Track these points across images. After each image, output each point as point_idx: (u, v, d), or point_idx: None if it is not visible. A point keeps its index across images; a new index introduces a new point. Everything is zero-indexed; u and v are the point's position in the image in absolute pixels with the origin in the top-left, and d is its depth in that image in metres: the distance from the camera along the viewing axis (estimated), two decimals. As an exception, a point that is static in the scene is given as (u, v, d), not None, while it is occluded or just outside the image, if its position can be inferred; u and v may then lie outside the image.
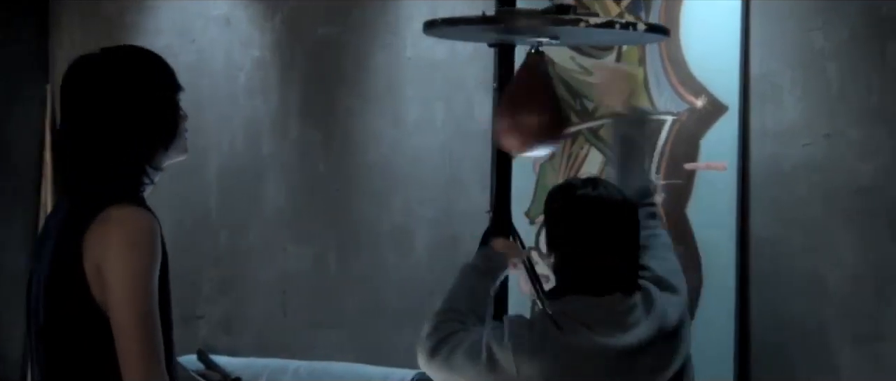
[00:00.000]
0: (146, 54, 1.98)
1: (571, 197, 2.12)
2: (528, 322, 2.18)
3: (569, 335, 2.10)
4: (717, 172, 2.92)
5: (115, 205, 1.85)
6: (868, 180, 2.83)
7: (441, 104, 3.61)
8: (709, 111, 2.94)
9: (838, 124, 2.87)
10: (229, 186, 4.13)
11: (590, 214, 2.10)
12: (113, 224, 1.83)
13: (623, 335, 2.11)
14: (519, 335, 2.10)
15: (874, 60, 2.83)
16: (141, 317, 1.79)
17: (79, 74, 1.94)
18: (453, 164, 3.57)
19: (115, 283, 1.80)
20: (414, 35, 3.67)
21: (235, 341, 4.07)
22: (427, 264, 3.63)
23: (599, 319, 2.11)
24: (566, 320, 2.11)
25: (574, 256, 2.10)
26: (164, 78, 1.95)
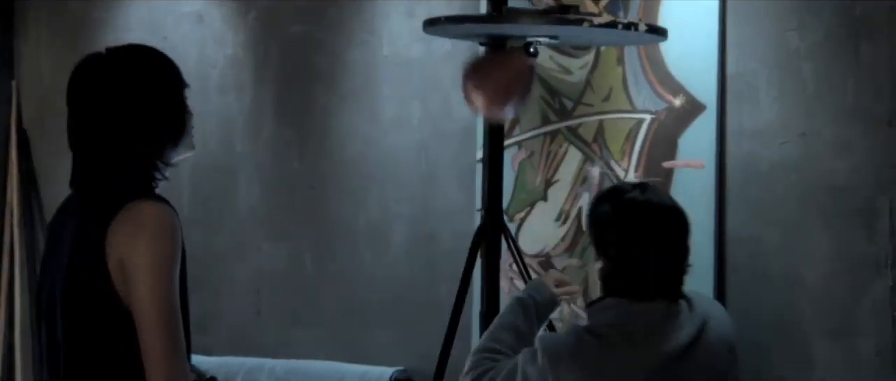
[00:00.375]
0: (151, 52, 2.00)
1: (621, 201, 2.12)
2: (564, 338, 2.16)
3: (608, 346, 2.09)
4: (695, 170, 2.99)
5: (137, 200, 1.87)
6: (843, 179, 2.91)
7: (417, 102, 3.65)
8: (687, 110, 3.01)
9: (814, 124, 2.95)
10: (202, 184, 4.14)
11: (640, 218, 2.11)
12: (136, 218, 1.85)
13: (665, 343, 2.11)
14: (555, 352, 2.09)
15: (848, 60, 2.91)
16: (165, 311, 1.81)
17: (86, 74, 1.96)
18: (430, 162, 3.62)
19: (140, 277, 1.81)
20: (390, 33, 3.71)
21: (209, 340, 4.08)
22: (404, 262, 3.67)
23: (641, 327, 2.11)
24: (606, 329, 2.11)
25: (623, 261, 2.10)
26: (170, 75, 1.97)
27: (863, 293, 2.90)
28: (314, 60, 3.88)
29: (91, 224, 1.87)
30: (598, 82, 3.13)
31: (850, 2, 2.90)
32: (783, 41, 2.97)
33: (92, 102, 1.93)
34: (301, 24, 3.92)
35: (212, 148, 4.10)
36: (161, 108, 1.93)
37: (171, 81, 1.97)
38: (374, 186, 3.74)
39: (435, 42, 3.61)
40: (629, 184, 2.23)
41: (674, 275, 2.15)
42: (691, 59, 2.98)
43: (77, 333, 1.89)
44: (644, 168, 3.06)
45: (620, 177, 3.11)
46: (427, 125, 3.62)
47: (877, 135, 2.88)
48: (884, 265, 2.86)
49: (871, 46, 2.88)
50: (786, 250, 2.98)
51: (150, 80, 1.94)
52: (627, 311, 2.12)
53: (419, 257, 3.63)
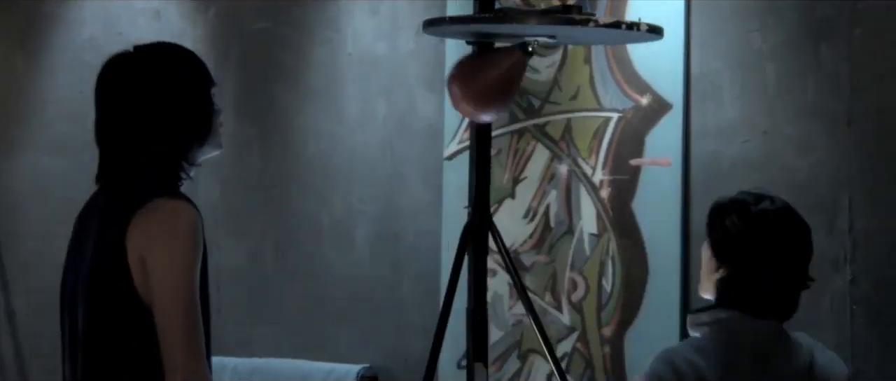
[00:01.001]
0: (178, 50, 2.02)
1: (749, 213, 2.12)
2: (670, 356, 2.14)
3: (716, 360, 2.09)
4: (662, 168, 3.12)
5: (159, 197, 1.89)
6: (803, 177, 3.05)
7: (382, 100, 3.72)
8: (654, 109, 3.13)
9: (776, 122, 3.09)
10: (159, 182, 4.16)
11: (770, 231, 2.11)
12: (158, 216, 1.87)
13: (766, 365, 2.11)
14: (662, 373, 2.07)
15: (809, 61, 3.05)
16: (185, 308, 1.82)
17: (113, 71, 1.98)
18: (395, 160, 3.69)
19: (160, 274, 1.83)
20: (354, 31, 3.78)
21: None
22: (368, 260, 3.74)
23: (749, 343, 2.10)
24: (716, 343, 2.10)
25: (747, 273, 2.09)
26: (196, 73, 1.99)
27: (823, 288, 3.04)
28: (277, 58, 3.93)
29: (113, 221, 1.89)
30: (566, 81, 3.24)
31: (811, 4, 3.05)
32: (746, 42, 3.11)
33: (118, 99, 1.95)
34: (263, 20, 3.96)
35: (170, 146, 4.13)
36: (186, 106, 1.95)
37: (198, 79, 1.99)
38: (338, 184, 3.80)
39: (400, 40, 3.69)
40: (752, 194, 2.20)
41: (792, 295, 2.14)
42: (658, 59, 3.10)
43: (97, 328, 1.90)
44: (611, 166, 3.18)
45: (588, 175, 3.23)
46: (392, 123, 3.70)
47: (836, 134, 3.02)
48: (843, 261, 3.01)
49: (831, 48, 3.03)
50: (748, 245, 3.11)
51: (175, 77, 1.96)
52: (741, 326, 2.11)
53: (384, 256, 3.70)
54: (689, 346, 2.14)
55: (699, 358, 2.09)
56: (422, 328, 3.58)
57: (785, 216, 2.17)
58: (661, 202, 3.10)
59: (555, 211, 3.26)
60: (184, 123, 1.95)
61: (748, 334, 2.11)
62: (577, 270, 3.22)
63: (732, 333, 2.11)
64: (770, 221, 2.14)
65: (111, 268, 1.88)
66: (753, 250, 2.11)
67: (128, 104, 1.95)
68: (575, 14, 2.02)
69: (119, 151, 1.96)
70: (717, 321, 2.12)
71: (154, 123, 1.93)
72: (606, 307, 3.18)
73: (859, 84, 3.00)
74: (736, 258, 2.11)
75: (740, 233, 2.12)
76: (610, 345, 3.18)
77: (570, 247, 3.23)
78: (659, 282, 3.10)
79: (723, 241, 2.14)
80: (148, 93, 1.94)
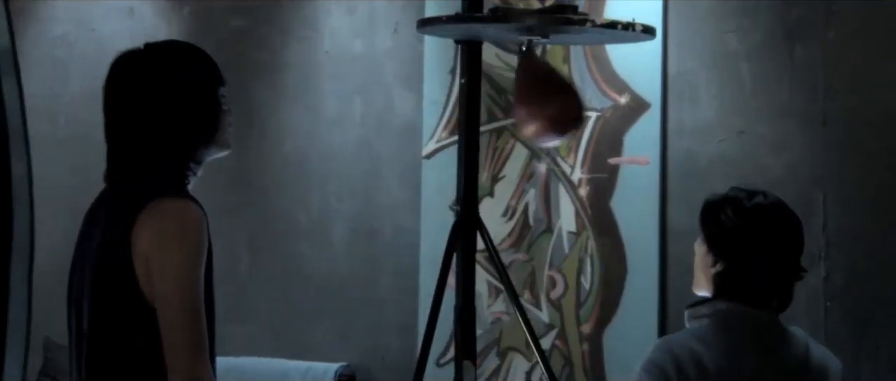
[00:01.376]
0: (189, 49, 2.01)
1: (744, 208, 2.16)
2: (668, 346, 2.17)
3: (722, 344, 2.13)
4: (640, 166, 3.19)
5: (164, 197, 1.89)
6: (778, 175, 3.14)
7: (359, 99, 3.77)
8: (632, 108, 3.20)
9: (751, 122, 3.17)
10: (133, 180, 4.18)
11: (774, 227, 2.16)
12: (163, 216, 1.87)
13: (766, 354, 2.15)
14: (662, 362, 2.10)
15: (784, 62, 3.14)
16: (188, 309, 1.83)
17: (121, 69, 1.98)
18: (372, 158, 3.74)
19: (164, 274, 1.84)
20: (331, 29, 3.82)
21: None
22: (345, 258, 3.79)
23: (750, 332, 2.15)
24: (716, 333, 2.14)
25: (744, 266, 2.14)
26: (205, 72, 1.98)
27: (798, 284, 3.13)
28: (252, 56, 3.97)
29: (118, 219, 1.89)
30: (544, 80, 3.30)
31: (786, 6, 3.13)
32: (722, 43, 3.19)
33: (125, 96, 1.96)
34: (238, 18, 3.99)
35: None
36: (193, 104, 1.95)
37: (206, 78, 1.98)
38: (315, 182, 3.84)
39: (377, 38, 3.74)
40: (744, 190, 2.24)
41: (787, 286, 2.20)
42: (635, 59, 3.18)
43: (101, 326, 1.91)
44: (590, 165, 3.25)
45: (566, 173, 3.30)
46: (369, 121, 3.74)
47: (811, 133, 3.11)
48: (818, 257, 3.10)
49: (806, 49, 3.11)
50: (724, 243, 3.19)
51: (182, 76, 1.95)
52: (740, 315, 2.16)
53: (361, 253, 3.74)
54: (689, 335, 2.19)
55: (699, 346, 2.14)
56: (399, 326, 3.63)
57: (778, 210, 2.22)
58: (639, 200, 3.17)
59: (533, 209, 3.32)
60: (190, 121, 1.95)
61: (748, 323, 2.17)
62: (556, 267, 3.29)
63: (732, 322, 2.16)
64: (765, 215, 2.19)
65: (116, 266, 1.89)
66: (750, 244, 2.17)
67: (134, 102, 1.95)
68: (570, 14, 2.07)
69: (125, 149, 1.96)
70: (716, 312, 2.18)
71: (160, 121, 1.93)
72: (585, 305, 3.25)
73: (833, 85, 3.09)
74: (733, 252, 2.17)
75: (737, 227, 2.17)
76: (588, 342, 3.25)
77: (548, 245, 3.29)
78: (637, 279, 3.17)
79: (720, 236, 2.18)
80: (154, 91, 1.94)
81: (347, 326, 3.76)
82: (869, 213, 3.06)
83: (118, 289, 1.90)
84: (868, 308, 3.05)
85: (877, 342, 3.02)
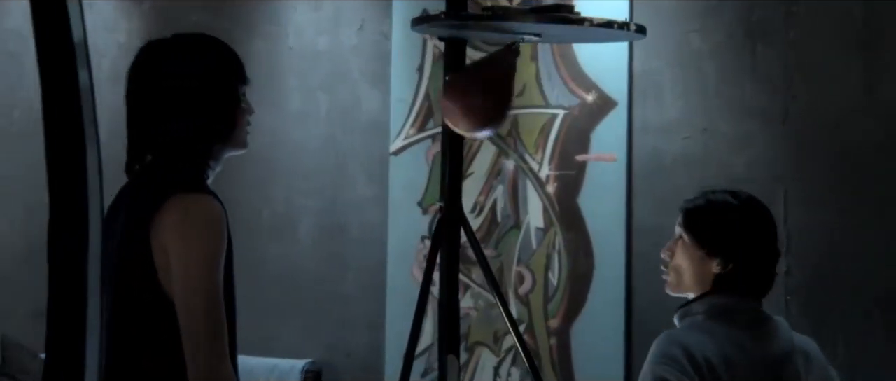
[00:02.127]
0: (215, 44, 2.03)
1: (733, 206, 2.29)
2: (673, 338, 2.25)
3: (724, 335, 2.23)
4: (607, 163, 3.33)
5: (184, 192, 1.92)
6: (741, 172, 3.29)
7: (325, 95, 3.85)
8: (599, 106, 3.33)
9: (714, 120, 3.32)
10: (91, 176, 4.22)
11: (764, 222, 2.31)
12: (185, 210, 1.90)
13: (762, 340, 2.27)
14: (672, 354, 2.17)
15: (746, 61, 3.29)
16: (207, 303, 1.86)
17: (147, 58, 1.99)
18: (338, 155, 3.83)
19: (183, 268, 1.87)
20: (296, 25, 3.90)
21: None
22: (311, 254, 3.87)
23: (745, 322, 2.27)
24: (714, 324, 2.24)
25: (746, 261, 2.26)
26: (228, 69, 1.99)
27: (759, 279, 3.28)
28: (214, 51, 4.03)
29: (139, 213, 1.92)
30: (512, 78, 3.43)
31: (748, 6, 3.28)
32: (686, 42, 3.33)
33: (146, 85, 1.96)
34: (200, 13, 4.05)
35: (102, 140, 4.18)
36: (212, 100, 1.95)
37: (228, 75, 1.99)
38: (280, 178, 3.92)
39: (342, 34, 3.83)
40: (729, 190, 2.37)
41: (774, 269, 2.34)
42: (602, 57, 3.31)
43: (122, 320, 1.94)
44: (558, 162, 3.38)
45: (534, 170, 3.43)
46: (335, 118, 3.83)
47: (772, 131, 3.27)
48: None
49: (767, 48, 3.27)
50: (688, 239, 3.34)
51: (205, 70, 1.96)
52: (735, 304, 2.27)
53: (327, 250, 3.83)
54: (686, 329, 2.30)
55: (701, 336, 2.23)
56: (366, 323, 3.73)
57: (759, 205, 2.37)
58: (606, 197, 3.31)
59: (501, 206, 3.44)
60: (207, 117, 1.96)
61: (741, 314, 2.30)
62: (524, 263, 3.41)
63: (727, 314, 2.28)
64: (755, 210, 2.34)
65: (136, 261, 1.91)
66: (751, 240, 2.31)
67: (154, 91, 1.95)
68: (565, 13, 2.17)
69: (144, 140, 1.97)
70: (710, 307, 2.30)
71: (178, 114, 1.94)
72: (553, 300, 3.38)
73: (794, 83, 3.25)
74: (735, 251, 2.29)
75: (735, 226, 2.30)
76: (556, 337, 3.38)
77: (516, 241, 3.41)
78: (604, 275, 3.31)
79: (718, 237, 2.30)
80: (174, 82, 1.94)
81: (314, 322, 3.84)
82: (828, 209, 3.22)
83: (138, 282, 1.92)
84: (827, 303, 3.21)
85: (835, 335, 3.18)
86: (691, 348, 2.21)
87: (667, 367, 2.19)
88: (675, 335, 2.29)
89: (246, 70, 2.05)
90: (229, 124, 2.00)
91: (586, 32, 2.23)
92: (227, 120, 2.00)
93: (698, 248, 2.33)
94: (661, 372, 2.19)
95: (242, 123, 2.03)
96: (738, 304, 2.31)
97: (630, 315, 3.35)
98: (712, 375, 2.20)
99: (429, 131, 3.52)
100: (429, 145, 3.52)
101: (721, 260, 2.30)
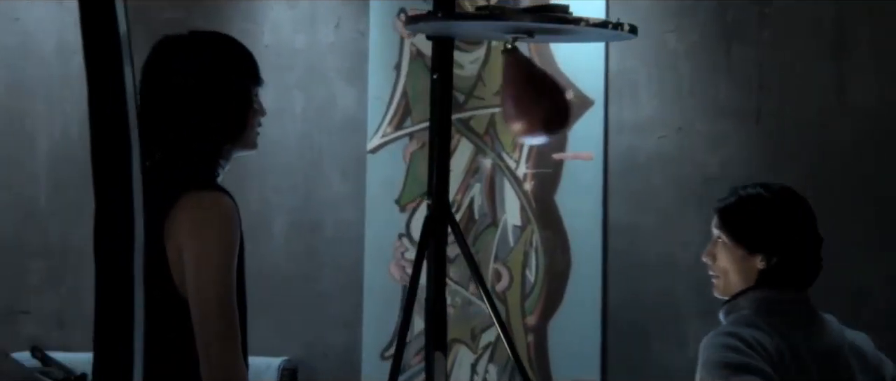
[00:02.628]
0: (230, 43, 2.04)
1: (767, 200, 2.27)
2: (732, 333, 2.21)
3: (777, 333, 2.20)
4: (584, 161, 3.41)
5: (197, 189, 1.93)
6: (715, 170, 3.39)
7: (300, 93, 3.90)
8: (576, 105, 3.41)
9: (689, 119, 3.41)
10: (62, 175, 4.22)
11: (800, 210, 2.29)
12: (199, 207, 1.91)
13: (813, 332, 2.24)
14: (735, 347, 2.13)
15: (721, 61, 3.39)
16: (221, 302, 1.88)
17: (161, 54, 1.99)
18: (314, 152, 3.87)
19: (199, 265, 1.88)
20: (272, 22, 3.95)
21: (69, 336, 4.18)
22: (286, 252, 3.91)
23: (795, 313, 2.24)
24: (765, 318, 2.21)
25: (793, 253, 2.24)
26: (243, 69, 2.01)
27: (733, 276, 3.38)
28: (188, 48, 4.05)
29: (151, 212, 1.84)
30: (490, 77, 3.50)
31: (723, 7, 3.38)
32: (662, 42, 3.42)
33: (159, 81, 1.96)
34: (173, 10, 4.08)
35: (73, 137, 4.21)
36: (224, 99, 1.97)
37: (242, 75, 2.01)
38: (254, 176, 3.96)
39: (319, 32, 3.88)
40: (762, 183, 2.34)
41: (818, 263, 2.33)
42: (579, 56, 3.39)
43: None
44: (535, 160, 3.46)
45: (511, 168, 3.50)
46: (311, 116, 3.88)
47: (746, 130, 3.37)
48: (751, 250, 3.35)
49: (741, 48, 3.37)
50: (662, 236, 3.43)
51: (218, 69, 1.97)
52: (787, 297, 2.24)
53: (302, 247, 3.87)
54: (733, 324, 2.24)
55: (751, 329, 2.19)
56: (342, 321, 3.78)
57: (793, 193, 2.34)
58: (583, 195, 3.39)
59: (479, 204, 3.51)
60: (218, 115, 1.97)
61: (791, 307, 2.26)
62: (502, 261, 3.49)
63: (776, 308, 2.24)
64: (792, 201, 2.31)
65: (149, 257, 1.90)
66: (795, 232, 2.29)
67: (167, 87, 1.96)
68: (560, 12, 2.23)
69: (155, 136, 1.98)
70: (757, 302, 2.25)
71: (189, 111, 1.95)
72: (530, 297, 3.45)
73: (767, 83, 3.35)
74: (779, 244, 2.26)
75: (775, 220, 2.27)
76: (534, 334, 3.45)
77: (494, 239, 3.49)
78: (581, 272, 3.39)
79: (761, 233, 2.28)
80: (187, 79, 1.95)
81: (289, 320, 3.89)
82: (801, 207, 3.31)
83: (151, 280, 1.93)
84: (799, 298, 3.31)
85: (807, 330, 3.28)
86: (744, 336, 2.19)
87: (728, 353, 2.16)
88: (724, 329, 2.24)
89: (260, 71, 2.08)
90: (240, 125, 2.02)
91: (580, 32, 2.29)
92: (238, 120, 2.01)
93: (738, 247, 2.31)
94: (721, 358, 2.15)
95: (253, 123, 2.05)
96: (784, 297, 2.27)
97: (606, 312, 3.44)
98: (769, 359, 2.17)
99: (406, 129, 3.59)
100: (406, 143, 3.58)
101: (764, 255, 2.28)
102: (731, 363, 2.15)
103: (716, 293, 2.38)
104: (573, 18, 2.18)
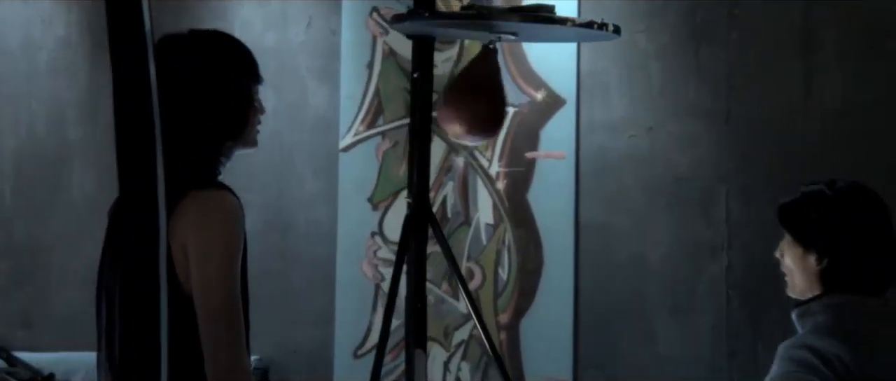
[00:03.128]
0: (230, 42, 2.05)
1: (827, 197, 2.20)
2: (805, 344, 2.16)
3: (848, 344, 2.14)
4: (556, 160, 3.47)
5: (202, 187, 1.95)
6: (685, 170, 3.47)
7: (271, 92, 3.93)
8: (548, 104, 3.48)
9: (659, 119, 3.49)
10: (27, 172, 4.22)
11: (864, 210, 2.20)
12: (205, 205, 1.92)
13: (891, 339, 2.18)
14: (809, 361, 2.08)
15: (690, 61, 3.47)
16: (226, 299, 1.88)
17: (161, 52, 1.95)
18: (285, 151, 3.91)
19: (204, 263, 1.88)
20: (242, 20, 3.98)
21: (35, 336, 4.18)
22: (257, 250, 3.93)
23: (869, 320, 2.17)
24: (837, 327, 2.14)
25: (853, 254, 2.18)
26: (243, 68, 2.03)
27: (701, 274, 3.46)
28: (157, 46, 4.07)
29: None
30: (462, 76, 3.56)
31: (692, 8, 3.46)
32: (632, 42, 3.50)
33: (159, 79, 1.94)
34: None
35: (39, 135, 4.21)
36: (224, 98, 1.99)
37: (242, 73, 2.03)
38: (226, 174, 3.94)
39: (290, 31, 3.92)
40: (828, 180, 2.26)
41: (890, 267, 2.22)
42: (551, 57, 3.46)
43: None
44: (508, 159, 3.52)
45: (484, 167, 3.56)
46: (282, 114, 3.91)
47: (715, 130, 3.45)
48: (720, 249, 3.44)
49: (711, 49, 3.45)
50: (633, 235, 3.51)
51: (218, 68, 1.99)
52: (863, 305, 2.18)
53: (273, 246, 3.91)
54: (810, 334, 2.19)
55: (825, 341, 2.14)
56: (314, 320, 3.82)
57: (862, 191, 2.27)
58: (555, 194, 3.46)
59: (451, 202, 3.57)
60: (218, 114, 1.99)
61: (865, 313, 2.19)
62: (474, 259, 3.55)
63: (850, 315, 2.18)
64: (852, 198, 2.24)
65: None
66: (844, 230, 2.21)
67: (164, 89, 1.82)
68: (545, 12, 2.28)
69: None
70: (830, 307, 2.19)
71: (189, 109, 1.96)
72: (503, 295, 3.52)
73: (736, 84, 3.44)
74: (828, 243, 2.20)
75: (830, 217, 2.21)
76: (506, 332, 3.52)
77: (466, 237, 3.55)
78: (553, 270, 3.46)
79: (816, 232, 2.22)
80: (187, 77, 1.96)
81: (259, 319, 3.91)
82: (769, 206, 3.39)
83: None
84: (766, 297, 3.40)
85: (774, 328, 3.37)
86: (819, 348, 2.14)
87: (792, 369, 2.12)
88: (797, 342, 2.19)
89: (260, 69, 2.11)
90: (241, 123, 2.05)
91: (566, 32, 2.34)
92: (239, 119, 2.04)
93: (796, 244, 2.26)
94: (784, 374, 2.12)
95: (254, 121, 2.09)
96: (858, 303, 2.19)
97: (578, 311, 3.50)
98: (846, 372, 2.11)
99: (379, 128, 3.64)
100: (379, 142, 3.63)
101: (818, 255, 2.22)
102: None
103: (788, 293, 2.33)
104: (560, 19, 2.24)
